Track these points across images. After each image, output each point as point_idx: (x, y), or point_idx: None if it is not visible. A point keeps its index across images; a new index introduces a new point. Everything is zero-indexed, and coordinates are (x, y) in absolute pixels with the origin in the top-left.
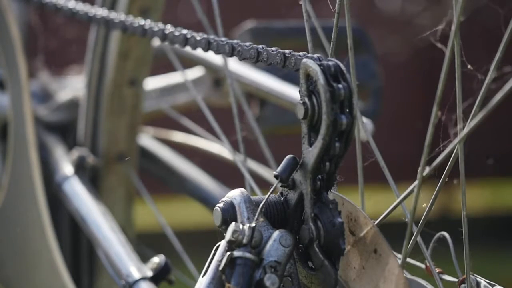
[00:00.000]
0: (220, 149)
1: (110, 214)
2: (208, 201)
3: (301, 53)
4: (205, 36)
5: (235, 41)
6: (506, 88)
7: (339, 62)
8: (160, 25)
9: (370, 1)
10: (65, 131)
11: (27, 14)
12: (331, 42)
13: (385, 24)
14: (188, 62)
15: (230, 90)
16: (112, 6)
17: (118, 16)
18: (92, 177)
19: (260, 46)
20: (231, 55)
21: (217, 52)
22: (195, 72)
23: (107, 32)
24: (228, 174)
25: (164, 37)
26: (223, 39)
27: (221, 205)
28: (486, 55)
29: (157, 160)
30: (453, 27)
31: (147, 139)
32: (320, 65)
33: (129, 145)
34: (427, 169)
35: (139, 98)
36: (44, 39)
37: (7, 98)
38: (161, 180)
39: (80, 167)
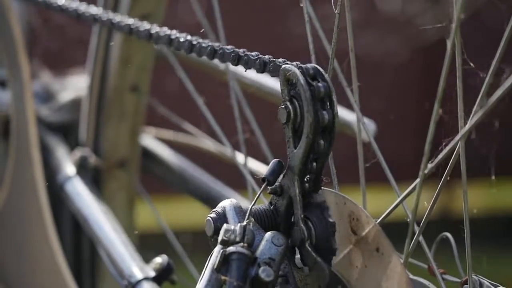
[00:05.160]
0: (221, 149)
1: (112, 214)
2: (209, 201)
3: (280, 59)
4: (201, 40)
5: (218, 44)
6: (506, 84)
7: (318, 66)
8: (158, 29)
9: (370, 1)
10: (67, 131)
11: (29, 14)
12: (332, 43)
13: (385, 24)
14: (188, 62)
15: (231, 90)
16: (113, 12)
17: (119, 19)
18: (93, 181)
19: (241, 50)
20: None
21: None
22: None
23: (109, 37)
24: (228, 174)
25: (162, 41)
26: (216, 44)
27: (212, 215)
28: (487, 53)
29: (159, 160)
30: (454, 25)
31: (149, 140)
32: (299, 68)
33: (130, 151)
34: (429, 167)
35: (141, 104)
36: (45, 40)
37: (9, 96)
38: (162, 180)
39: (82, 167)
